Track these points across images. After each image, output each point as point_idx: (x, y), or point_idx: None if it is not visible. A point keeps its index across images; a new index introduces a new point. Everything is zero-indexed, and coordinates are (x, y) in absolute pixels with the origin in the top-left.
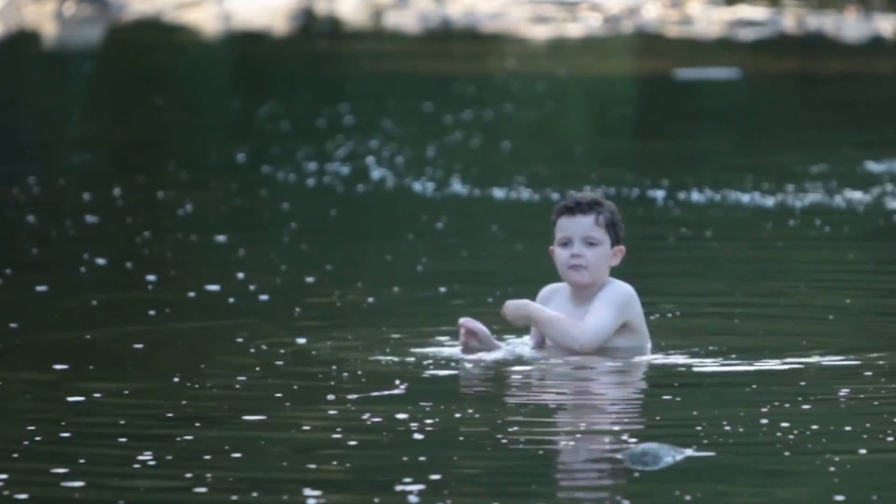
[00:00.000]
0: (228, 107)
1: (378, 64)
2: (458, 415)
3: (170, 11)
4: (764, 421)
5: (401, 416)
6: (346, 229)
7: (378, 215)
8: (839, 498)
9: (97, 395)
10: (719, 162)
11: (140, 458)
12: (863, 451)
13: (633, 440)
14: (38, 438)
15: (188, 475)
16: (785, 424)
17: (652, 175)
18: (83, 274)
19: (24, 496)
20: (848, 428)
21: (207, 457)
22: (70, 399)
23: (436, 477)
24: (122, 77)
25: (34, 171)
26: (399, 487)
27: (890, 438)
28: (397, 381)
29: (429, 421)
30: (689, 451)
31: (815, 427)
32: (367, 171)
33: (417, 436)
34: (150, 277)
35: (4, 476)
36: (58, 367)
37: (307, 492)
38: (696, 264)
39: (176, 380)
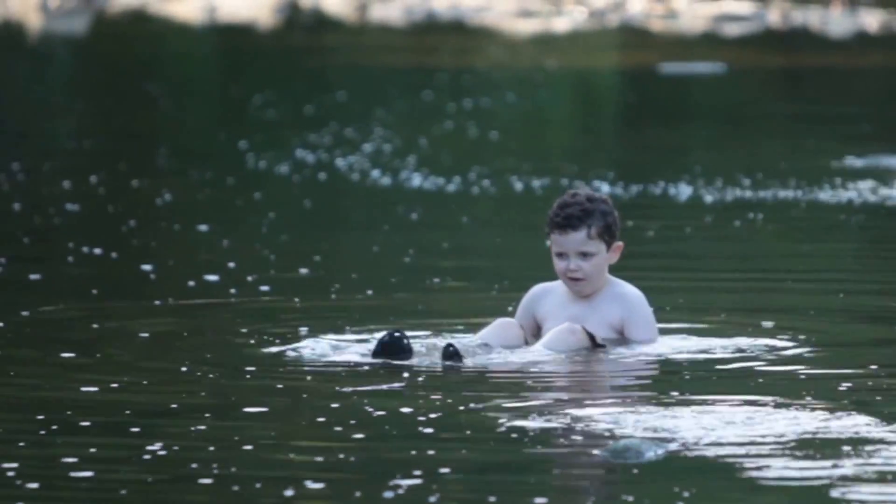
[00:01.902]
0: (213, 98)
1: (362, 57)
2: (461, 407)
3: (155, 3)
4: (754, 417)
5: (406, 409)
6: (326, 221)
7: (353, 206)
8: (834, 494)
9: (107, 385)
10: (703, 156)
11: (148, 448)
12: (857, 451)
13: (622, 435)
14: (48, 428)
15: (194, 465)
16: (777, 418)
17: (635, 169)
18: (76, 264)
19: (34, 485)
20: (842, 426)
21: (212, 448)
22: (79, 389)
23: (445, 470)
24: (107, 68)
25: (18, 158)
26: (404, 481)
27: (884, 433)
28: (404, 374)
29: (433, 415)
30: (671, 447)
31: (807, 424)
32: (343, 163)
33: (424, 430)
34: (146, 267)
35: (14, 465)
36: (65, 355)
37: (311, 484)
38: (678, 258)
39: (183, 370)
